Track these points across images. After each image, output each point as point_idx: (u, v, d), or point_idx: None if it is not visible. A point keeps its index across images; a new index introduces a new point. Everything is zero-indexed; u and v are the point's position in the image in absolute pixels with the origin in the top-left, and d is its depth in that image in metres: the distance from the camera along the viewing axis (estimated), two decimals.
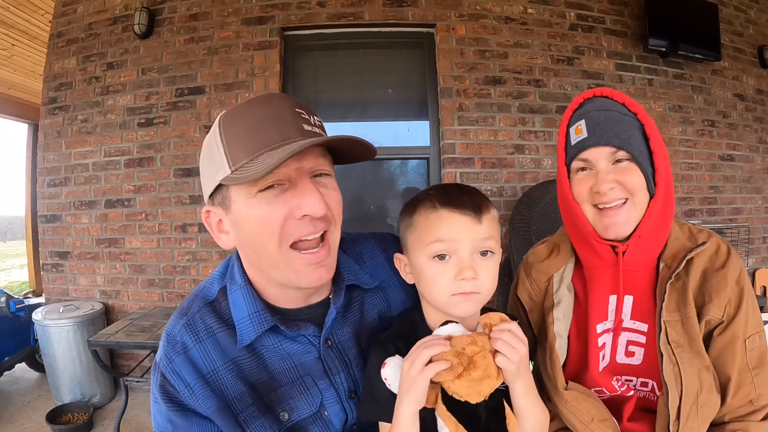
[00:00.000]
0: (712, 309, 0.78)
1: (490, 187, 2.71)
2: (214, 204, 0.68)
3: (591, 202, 0.80)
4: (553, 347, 0.84)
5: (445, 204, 0.67)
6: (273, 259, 0.64)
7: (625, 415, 0.86)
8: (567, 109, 0.86)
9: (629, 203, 0.78)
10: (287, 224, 0.62)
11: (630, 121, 0.80)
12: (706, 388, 0.77)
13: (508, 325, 0.63)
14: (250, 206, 0.62)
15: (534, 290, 0.92)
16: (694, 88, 3.09)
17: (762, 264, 3.23)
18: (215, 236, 0.70)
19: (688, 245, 0.82)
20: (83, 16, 2.91)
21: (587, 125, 0.79)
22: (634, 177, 0.78)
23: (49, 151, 2.90)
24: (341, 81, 2.87)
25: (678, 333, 0.78)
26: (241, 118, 0.63)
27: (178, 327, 0.70)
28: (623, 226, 0.79)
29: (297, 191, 0.62)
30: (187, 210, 2.74)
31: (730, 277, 0.79)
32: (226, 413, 0.66)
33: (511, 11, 2.80)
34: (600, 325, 0.84)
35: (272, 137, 0.61)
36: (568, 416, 0.83)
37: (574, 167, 0.82)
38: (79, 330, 2.49)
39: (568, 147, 0.83)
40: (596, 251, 0.82)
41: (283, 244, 0.63)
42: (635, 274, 0.82)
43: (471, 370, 0.60)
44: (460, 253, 0.66)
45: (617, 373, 0.87)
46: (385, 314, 0.80)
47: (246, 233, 0.64)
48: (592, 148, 0.79)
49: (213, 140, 0.65)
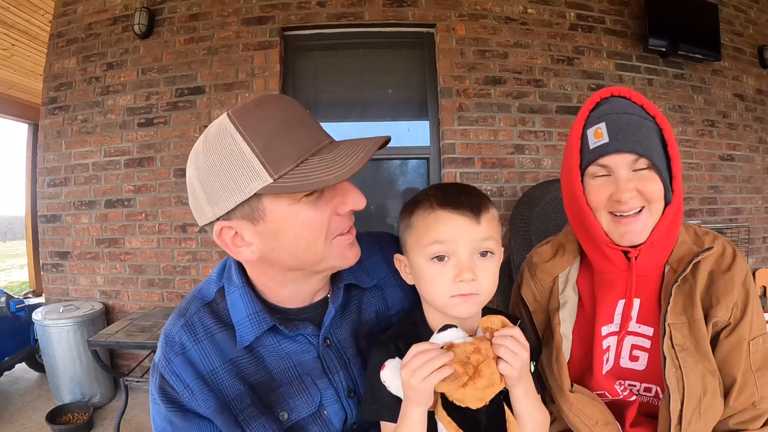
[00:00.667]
0: (719, 311, 0.77)
1: (490, 187, 2.71)
2: (231, 218, 0.62)
3: (608, 210, 0.78)
4: (559, 349, 0.83)
5: (442, 204, 0.67)
6: (318, 255, 0.65)
7: (627, 419, 0.85)
8: (582, 108, 0.82)
9: (645, 211, 0.77)
10: (332, 221, 0.65)
11: (650, 126, 0.77)
12: (710, 392, 0.76)
13: (510, 331, 0.62)
14: (296, 212, 0.62)
15: (539, 291, 0.90)
16: (694, 88, 3.09)
17: (762, 264, 3.22)
18: (233, 252, 0.65)
19: (694, 249, 0.81)
20: (83, 16, 2.91)
21: (608, 129, 0.76)
22: (653, 186, 0.76)
23: (49, 151, 2.90)
24: (341, 81, 2.87)
25: (684, 336, 0.78)
26: (263, 122, 0.60)
27: (176, 328, 0.69)
28: (639, 234, 0.77)
29: (336, 189, 0.64)
30: (187, 210, 2.72)
31: (737, 279, 0.78)
32: (226, 413, 0.66)
33: (511, 11, 2.80)
34: (605, 327, 0.83)
35: (307, 141, 0.61)
36: (572, 419, 0.82)
37: (591, 172, 0.79)
38: (79, 330, 2.50)
39: (584, 150, 0.79)
40: (607, 256, 0.81)
41: (327, 240, 0.65)
42: (643, 278, 0.81)
43: (476, 379, 0.59)
44: (458, 254, 0.65)
45: (621, 377, 0.86)
46: (383, 313, 0.80)
47: (290, 238, 0.63)
48: (614, 155, 0.75)
49: (233, 149, 0.58)
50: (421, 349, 0.61)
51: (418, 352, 0.60)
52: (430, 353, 0.60)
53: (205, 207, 0.62)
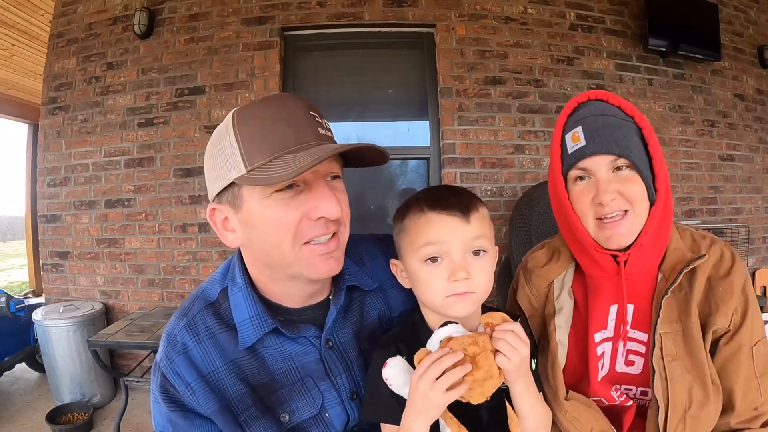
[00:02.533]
0: (719, 318, 0.76)
1: (490, 187, 2.71)
2: (221, 202, 0.66)
3: (594, 216, 0.77)
4: (555, 356, 0.83)
5: (432, 206, 0.67)
6: (285, 257, 0.65)
7: (624, 425, 0.84)
8: (560, 114, 0.82)
9: (630, 214, 0.76)
10: (302, 225, 0.64)
11: (628, 126, 0.77)
12: (697, 404, 0.75)
13: (511, 326, 0.62)
14: (265, 206, 0.63)
15: (534, 296, 0.90)
16: (694, 88, 3.09)
17: (762, 264, 3.23)
18: (220, 234, 0.68)
19: (688, 256, 0.79)
20: (83, 16, 2.91)
21: (585, 132, 0.76)
22: (635, 187, 0.75)
23: (49, 151, 2.90)
24: (341, 81, 2.86)
25: (677, 344, 0.77)
26: (256, 117, 0.63)
27: (178, 327, 0.70)
28: (625, 236, 0.76)
29: (312, 194, 0.64)
30: (187, 210, 2.74)
31: (736, 285, 0.77)
32: (227, 414, 0.66)
33: (511, 11, 2.80)
34: (598, 334, 0.83)
35: (290, 139, 0.62)
36: (567, 426, 0.81)
37: (572, 176, 0.79)
38: (79, 330, 2.49)
39: (564, 155, 0.79)
40: (597, 261, 0.80)
41: (296, 244, 0.64)
42: (636, 282, 0.81)
43: (474, 372, 0.59)
44: (451, 254, 0.66)
45: (617, 382, 0.85)
46: (386, 315, 0.80)
47: (259, 232, 0.64)
48: (592, 157, 0.75)
49: (225, 137, 0.64)
50: (435, 357, 0.60)
51: (433, 362, 0.59)
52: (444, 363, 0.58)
53: (208, 188, 0.69)
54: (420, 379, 0.59)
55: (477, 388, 0.60)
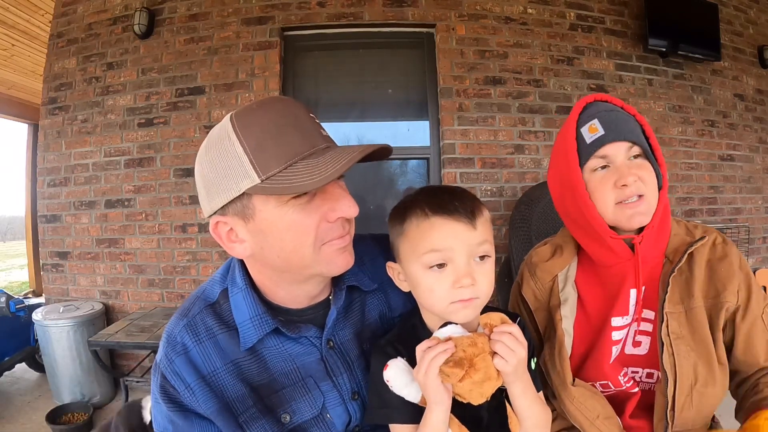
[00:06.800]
0: (728, 296, 0.82)
1: (490, 187, 2.72)
2: (226, 214, 0.64)
3: (615, 200, 0.82)
4: (562, 344, 0.87)
5: (436, 211, 0.65)
6: (305, 260, 0.65)
7: (627, 411, 0.89)
8: (572, 113, 0.86)
9: (645, 197, 0.81)
10: (321, 227, 0.64)
11: (634, 121, 0.84)
12: (701, 381, 0.80)
13: (509, 328, 0.62)
14: (283, 213, 0.62)
15: (539, 289, 0.94)
16: (694, 88, 3.09)
17: (762, 264, 3.23)
18: (226, 246, 0.66)
19: (688, 240, 0.86)
20: (83, 16, 2.91)
21: (602, 123, 0.82)
22: (648, 172, 0.82)
23: (49, 151, 2.90)
24: (341, 81, 2.86)
25: (681, 324, 0.82)
26: (259, 123, 0.61)
27: (178, 328, 0.70)
28: (645, 215, 0.81)
29: (327, 196, 0.64)
30: (187, 210, 2.74)
31: (735, 263, 0.84)
32: (227, 414, 0.67)
33: (511, 11, 2.80)
34: (619, 319, 0.87)
35: (301, 145, 0.61)
36: (573, 412, 0.85)
37: (592, 166, 0.83)
38: (79, 330, 2.49)
39: (581, 147, 0.83)
40: (611, 248, 0.84)
41: (316, 246, 0.64)
42: (646, 266, 0.85)
43: (472, 373, 0.59)
44: (456, 261, 0.64)
45: (625, 364, 0.89)
46: (386, 315, 0.80)
47: (275, 239, 0.63)
48: (612, 144, 0.81)
49: (226, 145, 0.61)
50: (425, 347, 0.61)
51: (423, 350, 0.61)
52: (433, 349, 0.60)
53: (205, 201, 0.66)
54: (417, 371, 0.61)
55: (476, 390, 0.60)
